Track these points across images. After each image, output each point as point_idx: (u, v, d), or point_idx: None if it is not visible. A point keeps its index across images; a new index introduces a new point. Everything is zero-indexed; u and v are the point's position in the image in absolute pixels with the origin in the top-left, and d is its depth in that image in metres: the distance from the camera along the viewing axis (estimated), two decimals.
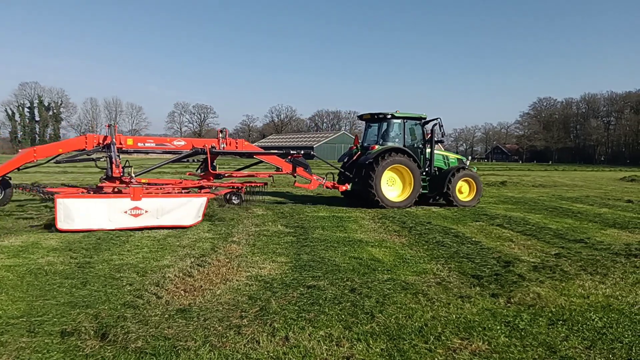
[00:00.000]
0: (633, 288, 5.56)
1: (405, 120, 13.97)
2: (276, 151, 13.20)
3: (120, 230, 8.74)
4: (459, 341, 3.88)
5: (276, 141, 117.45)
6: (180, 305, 4.70)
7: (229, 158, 10.25)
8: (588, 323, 4.39)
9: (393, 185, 13.57)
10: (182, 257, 6.76)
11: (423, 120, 14.27)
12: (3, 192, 11.16)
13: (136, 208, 9.04)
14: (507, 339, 3.95)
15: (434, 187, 14.04)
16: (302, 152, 12.92)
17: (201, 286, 5.34)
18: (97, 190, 10.72)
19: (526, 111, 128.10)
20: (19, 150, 11.06)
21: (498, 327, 4.21)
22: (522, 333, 4.10)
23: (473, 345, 3.80)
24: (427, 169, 14.13)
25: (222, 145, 12.17)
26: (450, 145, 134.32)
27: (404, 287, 5.40)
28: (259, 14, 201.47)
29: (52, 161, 11.73)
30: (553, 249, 7.77)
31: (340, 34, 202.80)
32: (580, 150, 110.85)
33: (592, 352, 3.75)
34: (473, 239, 8.56)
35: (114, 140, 10.91)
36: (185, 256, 6.85)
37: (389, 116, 13.80)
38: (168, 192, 10.61)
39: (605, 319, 4.49)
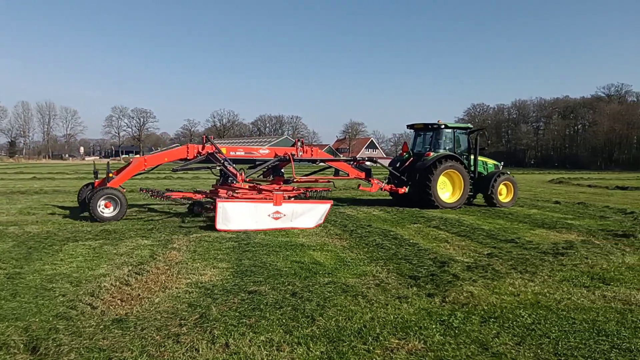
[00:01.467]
0: (560, 285, 5.89)
1: (454, 130, 15.76)
2: (344, 158, 14.58)
3: (263, 230, 9.80)
4: (397, 341, 4.00)
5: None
6: (116, 315, 4.56)
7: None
8: (518, 320, 4.60)
9: (444, 188, 15.09)
10: (119, 266, 6.55)
11: (469, 130, 16.25)
12: None
13: (277, 212, 10.24)
14: (441, 338, 4.10)
15: (477, 190, 15.81)
16: (366, 158, 14.77)
17: (139, 295, 5.20)
18: (212, 195, 11.71)
19: (461, 116, 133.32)
20: (131, 160, 11.96)
21: (433, 326, 4.36)
22: (456, 331, 4.26)
23: (409, 345, 3.92)
24: (471, 174, 15.66)
25: (300, 153, 13.11)
26: (390, 149, 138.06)
27: (344, 289, 5.49)
28: (198, 14, 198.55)
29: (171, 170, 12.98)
30: (486, 249, 8.12)
31: (281, 36, 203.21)
32: (511, 154, 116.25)
33: (521, 347, 3.94)
34: (411, 241, 8.81)
35: (219, 149, 12.16)
36: (123, 264, 6.64)
37: (443, 126, 15.44)
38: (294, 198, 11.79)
39: (534, 316, 4.73)
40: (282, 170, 13.87)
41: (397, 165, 15.63)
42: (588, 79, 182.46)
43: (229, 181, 11.89)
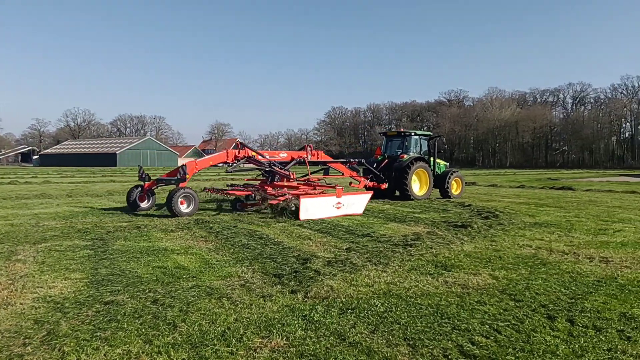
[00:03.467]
0: (409, 274, 6.37)
1: (420, 137, 19.54)
2: (342, 160, 18.05)
3: (328, 218, 12.10)
4: (260, 340, 4.06)
5: (73, 147, 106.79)
6: None
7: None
8: (372, 309, 4.90)
9: (414, 184, 18.24)
10: None
11: (429, 137, 20.03)
12: (151, 199, 14.10)
13: (339, 203, 12.76)
14: (303, 332, 4.25)
15: (435, 185, 19.07)
16: (357, 160, 17.86)
17: None
18: (262, 192, 13.73)
19: (322, 118, 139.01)
20: (185, 164, 13.35)
21: (296, 322, 4.50)
22: (317, 325, 4.44)
23: (273, 342, 4.01)
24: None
25: (309, 156, 15.87)
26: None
27: (209, 292, 5.44)
28: (45, 9, 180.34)
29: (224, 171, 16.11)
30: (345, 244, 8.56)
31: (139, 34, 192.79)
32: (368, 154, 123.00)
33: (375, 335, 4.20)
34: (276, 240, 8.98)
35: (258, 152, 14.81)
36: None
37: (412, 134, 19.19)
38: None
39: (386, 304, 5.05)
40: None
41: (374, 166, 18.45)
42: (432, 85, 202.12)
43: (276, 179, 14.38)
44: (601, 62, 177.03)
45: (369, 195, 13.91)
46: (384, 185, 18.07)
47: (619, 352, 3.85)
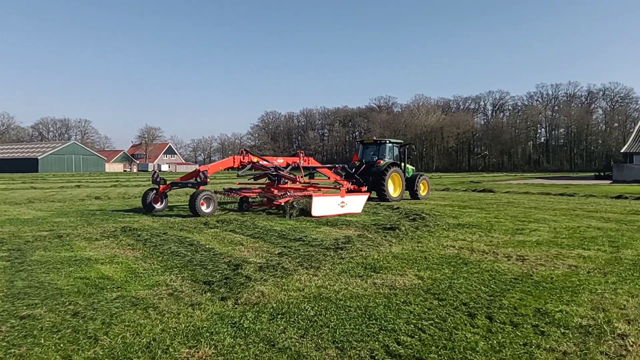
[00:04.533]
0: (339, 277, 6.46)
1: (393, 144, 21.53)
2: (329, 165, 19.94)
3: (334, 216, 13.62)
4: (187, 350, 3.97)
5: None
6: None
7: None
8: (302, 313, 4.91)
9: (390, 187, 19.94)
10: None
11: (400, 145, 21.98)
12: (164, 201, 15.37)
13: (342, 202, 14.39)
14: (232, 340, 4.19)
15: (405, 188, 20.69)
16: (341, 166, 19.54)
17: None
18: (267, 194, 15.57)
19: (256, 123, 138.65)
20: (199, 168, 15.29)
21: (225, 330, 4.43)
22: (246, 332, 4.39)
23: (200, 352, 3.93)
24: None
25: (301, 162, 17.72)
26: (189, 155, 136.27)
27: (134, 303, 5.25)
28: None
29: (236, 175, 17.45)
30: (277, 249, 8.55)
31: (59, 34, 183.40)
32: None
33: (305, 339, 4.21)
34: (207, 246, 8.82)
35: (263, 158, 16.74)
36: None
37: (387, 142, 21.18)
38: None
39: (316, 308, 5.08)
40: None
41: (353, 171, 19.90)
42: (363, 90, 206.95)
43: (282, 182, 15.66)
44: (518, 71, 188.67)
45: (367, 195, 16.00)
46: (364, 188, 19.23)
47: (533, 347, 4.09)
